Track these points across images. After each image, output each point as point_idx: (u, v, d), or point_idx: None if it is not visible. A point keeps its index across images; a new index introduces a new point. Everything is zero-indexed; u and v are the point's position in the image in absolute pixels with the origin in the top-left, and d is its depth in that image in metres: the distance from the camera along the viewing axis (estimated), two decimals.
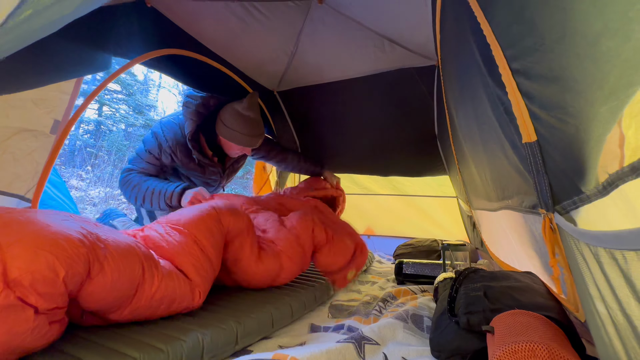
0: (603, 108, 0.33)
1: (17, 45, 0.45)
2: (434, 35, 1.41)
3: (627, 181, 0.30)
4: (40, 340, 0.54)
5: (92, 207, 4.85)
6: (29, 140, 1.20)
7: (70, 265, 0.55)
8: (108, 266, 0.63)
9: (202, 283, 0.82)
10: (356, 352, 0.70)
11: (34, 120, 1.19)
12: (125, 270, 0.65)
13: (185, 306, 0.79)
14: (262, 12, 1.47)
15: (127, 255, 0.67)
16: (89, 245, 0.60)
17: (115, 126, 7.79)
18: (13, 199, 1.23)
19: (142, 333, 0.68)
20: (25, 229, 0.55)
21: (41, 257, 0.53)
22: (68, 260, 0.55)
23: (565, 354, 0.44)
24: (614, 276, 0.33)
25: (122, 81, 7.70)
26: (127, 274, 0.66)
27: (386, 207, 2.42)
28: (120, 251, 0.66)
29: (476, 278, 0.78)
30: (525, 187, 0.62)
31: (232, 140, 1.46)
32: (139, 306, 0.70)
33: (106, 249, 0.64)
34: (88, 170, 5.87)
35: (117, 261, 0.64)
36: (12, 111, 1.11)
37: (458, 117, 1.13)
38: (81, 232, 0.62)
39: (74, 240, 0.58)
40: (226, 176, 1.72)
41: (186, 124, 1.40)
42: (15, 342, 0.50)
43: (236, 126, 1.43)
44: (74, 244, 0.57)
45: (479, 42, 0.64)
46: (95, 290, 0.61)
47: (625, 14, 0.28)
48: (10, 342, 0.49)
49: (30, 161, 1.25)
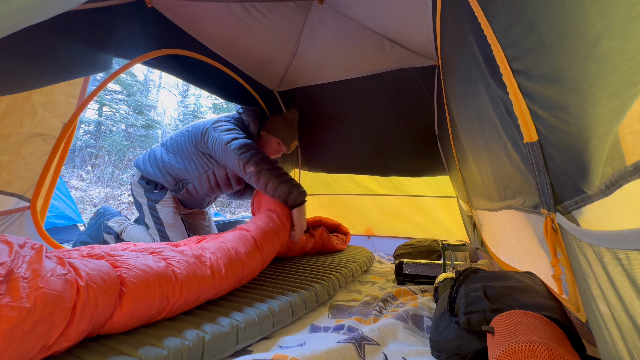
0: (605, 108, 0.33)
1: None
2: (434, 35, 1.41)
3: (630, 181, 0.30)
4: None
5: (92, 207, 4.85)
6: (39, 145, 1.24)
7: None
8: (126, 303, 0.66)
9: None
10: (356, 352, 0.70)
11: (44, 124, 1.23)
12: (141, 301, 0.69)
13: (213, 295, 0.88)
14: (263, 13, 1.47)
15: (144, 289, 0.70)
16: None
17: (116, 126, 7.80)
18: (13, 198, 1.23)
19: (142, 333, 0.68)
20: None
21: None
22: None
23: (565, 354, 0.44)
24: (617, 276, 0.33)
25: (122, 81, 7.71)
26: (144, 305, 0.70)
27: (386, 207, 2.42)
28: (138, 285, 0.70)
29: (476, 278, 0.78)
30: (527, 187, 0.62)
31: (280, 136, 1.71)
32: (168, 314, 0.76)
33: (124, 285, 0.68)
34: (88, 171, 5.88)
35: (135, 295, 0.68)
36: (25, 117, 1.15)
37: (459, 117, 1.13)
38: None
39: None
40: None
41: (250, 126, 1.66)
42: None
43: (286, 126, 1.75)
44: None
45: (480, 42, 0.64)
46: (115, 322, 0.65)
47: (627, 13, 0.27)
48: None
49: (40, 165, 1.29)
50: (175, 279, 0.76)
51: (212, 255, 0.92)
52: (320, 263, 1.51)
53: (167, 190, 1.63)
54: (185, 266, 0.81)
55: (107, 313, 0.62)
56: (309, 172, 2.61)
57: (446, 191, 2.18)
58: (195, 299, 0.82)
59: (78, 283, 0.58)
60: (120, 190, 5.73)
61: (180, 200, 1.69)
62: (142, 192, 1.64)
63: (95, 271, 0.63)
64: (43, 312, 0.50)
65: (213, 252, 0.94)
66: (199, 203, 1.77)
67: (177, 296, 0.76)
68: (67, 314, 0.54)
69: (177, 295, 0.76)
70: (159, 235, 1.61)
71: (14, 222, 1.27)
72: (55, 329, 0.52)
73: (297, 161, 2.56)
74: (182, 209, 1.73)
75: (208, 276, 0.85)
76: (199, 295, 0.82)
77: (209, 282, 0.85)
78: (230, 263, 0.94)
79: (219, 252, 0.95)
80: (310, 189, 2.65)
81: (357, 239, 2.42)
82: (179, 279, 0.77)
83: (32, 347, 0.49)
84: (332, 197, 2.59)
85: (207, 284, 0.84)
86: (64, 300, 0.54)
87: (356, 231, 2.44)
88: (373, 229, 2.49)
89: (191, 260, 0.85)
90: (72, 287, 0.57)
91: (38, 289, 0.51)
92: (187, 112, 10.14)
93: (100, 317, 0.60)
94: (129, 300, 0.66)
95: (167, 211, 1.62)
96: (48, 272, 0.56)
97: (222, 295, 0.94)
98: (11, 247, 0.58)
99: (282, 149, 1.76)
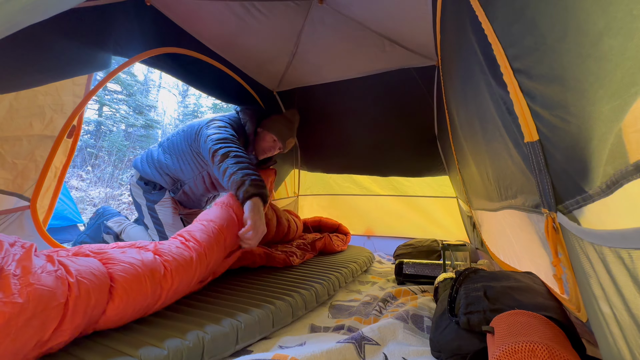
0: (606, 107, 0.32)
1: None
2: (434, 35, 1.41)
3: (632, 180, 0.30)
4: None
5: (92, 207, 4.85)
6: (49, 147, 1.25)
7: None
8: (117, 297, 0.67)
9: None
10: (356, 352, 0.70)
11: (53, 126, 1.23)
12: (133, 292, 0.70)
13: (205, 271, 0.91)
14: (262, 12, 1.47)
15: (134, 281, 0.71)
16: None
17: (116, 126, 7.79)
18: (12, 198, 1.23)
19: (142, 333, 0.68)
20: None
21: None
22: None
23: (565, 354, 0.44)
24: (620, 275, 0.33)
25: (123, 81, 7.70)
26: (137, 295, 0.71)
27: (386, 208, 2.42)
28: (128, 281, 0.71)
29: (476, 278, 0.78)
30: (528, 187, 0.62)
31: (275, 132, 1.65)
32: (167, 299, 0.78)
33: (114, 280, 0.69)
34: (88, 171, 5.87)
35: (128, 291, 0.69)
36: (35, 119, 1.15)
37: (459, 117, 1.13)
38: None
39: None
40: None
41: (247, 125, 1.60)
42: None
43: (282, 122, 1.69)
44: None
45: (481, 41, 0.64)
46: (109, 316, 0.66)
47: (629, 12, 0.27)
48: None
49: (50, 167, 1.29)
50: (164, 267, 0.78)
51: (187, 234, 0.96)
52: (320, 263, 1.51)
53: (165, 191, 1.63)
54: (169, 251, 0.84)
55: (101, 307, 0.63)
56: (308, 172, 2.61)
57: (446, 191, 2.18)
58: (189, 280, 0.84)
59: (68, 279, 0.59)
60: (120, 191, 5.73)
61: (178, 200, 1.69)
62: (141, 192, 1.63)
63: (85, 267, 0.65)
64: (36, 307, 0.51)
65: (188, 232, 0.97)
66: (197, 203, 1.76)
67: (170, 282, 0.77)
68: (60, 309, 0.54)
69: (170, 281, 0.77)
70: (158, 235, 1.61)
71: (14, 221, 1.27)
72: (49, 324, 0.53)
73: (296, 161, 2.56)
74: (181, 209, 1.73)
75: (192, 257, 0.87)
76: (191, 276, 0.84)
77: (194, 263, 0.87)
78: (207, 238, 0.96)
79: (196, 231, 0.98)
80: (310, 189, 2.65)
81: (357, 239, 2.42)
82: (167, 267, 0.79)
83: (27, 342, 0.49)
84: (332, 198, 2.59)
85: (193, 265, 0.86)
86: (56, 295, 0.55)
87: (356, 231, 2.44)
88: (373, 229, 2.49)
89: (173, 245, 0.88)
90: (63, 283, 0.58)
91: (29, 285, 0.52)
92: (187, 112, 10.14)
93: (94, 312, 0.61)
94: (120, 293, 0.67)
95: (166, 211, 1.61)
96: (38, 269, 0.57)
97: (218, 275, 1.00)
98: (1, 245, 0.59)
99: (277, 145, 1.68)
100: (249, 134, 1.61)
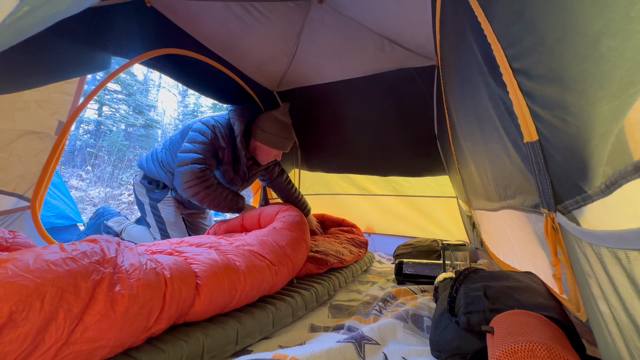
0: (605, 108, 0.33)
1: (9, 42, 0.45)
2: (433, 35, 1.41)
3: (631, 180, 0.30)
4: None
5: (92, 207, 4.85)
6: (34, 142, 1.22)
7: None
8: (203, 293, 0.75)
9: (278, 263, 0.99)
10: (356, 352, 0.70)
11: (39, 122, 1.21)
12: (215, 291, 0.78)
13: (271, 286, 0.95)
14: (262, 12, 1.47)
15: (214, 278, 0.79)
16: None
17: (115, 126, 7.79)
18: (12, 198, 1.23)
19: None
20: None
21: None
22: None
23: (564, 354, 0.44)
24: (617, 276, 0.33)
25: (122, 81, 7.70)
26: (218, 294, 0.78)
27: (386, 207, 2.42)
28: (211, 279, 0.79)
29: (476, 278, 0.78)
30: (527, 187, 0.62)
31: (270, 144, 1.57)
32: (238, 302, 0.84)
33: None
34: (88, 171, 5.87)
35: (209, 285, 0.77)
36: (17, 114, 1.13)
37: (458, 117, 1.13)
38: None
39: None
40: (247, 182, 1.75)
41: (235, 125, 1.54)
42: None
43: (275, 130, 1.57)
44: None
45: (480, 41, 0.64)
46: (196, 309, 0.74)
47: (627, 13, 0.27)
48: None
49: (36, 163, 1.27)
50: (238, 270, 0.84)
51: (258, 248, 1.01)
52: None
53: (168, 190, 1.64)
54: (243, 258, 0.90)
55: (189, 302, 0.71)
56: (308, 172, 2.61)
57: (446, 191, 2.17)
58: (259, 287, 0.89)
59: (165, 275, 0.69)
60: (120, 190, 5.73)
61: (180, 200, 1.69)
62: (144, 191, 1.64)
63: (176, 265, 0.74)
64: (145, 298, 0.61)
65: (257, 245, 1.03)
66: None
67: (243, 284, 0.83)
68: (160, 301, 0.64)
69: (243, 283, 0.83)
70: (160, 233, 1.61)
71: (14, 221, 1.27)
72: (153, 313, 0.63)
73: (296, 161, 2.56)
74: (183, 209, 1.74)
75: (265, 266, 0.93)
76: (261, 283, 0.89)
77: (267, 271, 0.93)
78: (276, 255, 1.02)
79: (264, 246, 1.03)
80: (310, 189, 2.65)
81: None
82: (241, 269, 0.85)
83: (139, 326, 0.60)
84: (333, 197, 2.59)
85: (265, 273, 0.92)
86: (159, 288, 0.65)
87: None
88: (373, 229, 2.49)
89: (246, 252, 0.94)
90: (162, 278, 0.67)
91: (139, 280, 0.63)
92: (187, 111, 10.14)
93: (184, 305, 0.70)
94: (205, 290, 0.74)
95: (169, 210, 1.62)
96: (143, 266, 0.68)
97: (278, 290, 1.02)
98: (117, 246, 0.72)
99: (276, 152, 1.63)
100: (237, 134, 1.55)
